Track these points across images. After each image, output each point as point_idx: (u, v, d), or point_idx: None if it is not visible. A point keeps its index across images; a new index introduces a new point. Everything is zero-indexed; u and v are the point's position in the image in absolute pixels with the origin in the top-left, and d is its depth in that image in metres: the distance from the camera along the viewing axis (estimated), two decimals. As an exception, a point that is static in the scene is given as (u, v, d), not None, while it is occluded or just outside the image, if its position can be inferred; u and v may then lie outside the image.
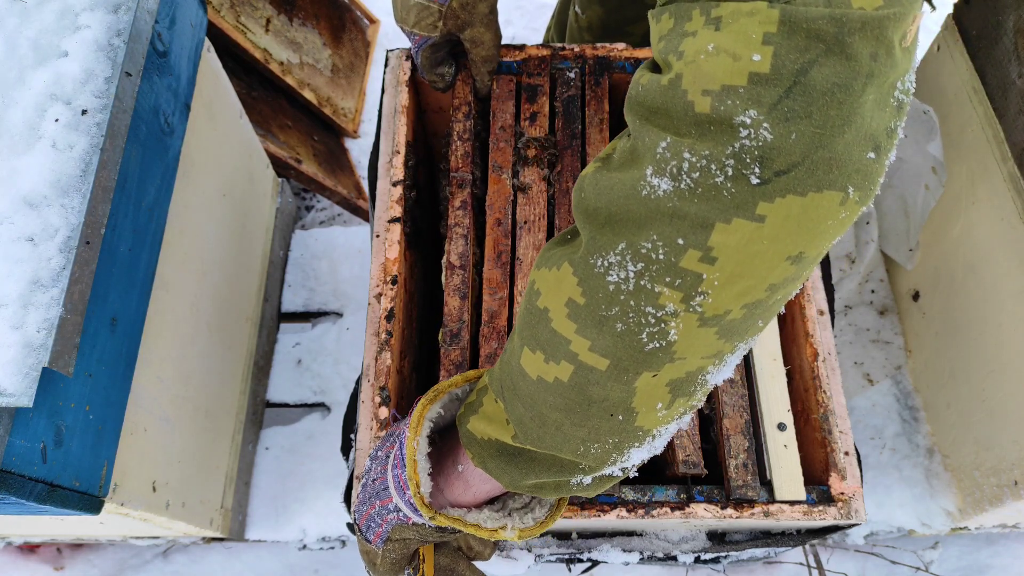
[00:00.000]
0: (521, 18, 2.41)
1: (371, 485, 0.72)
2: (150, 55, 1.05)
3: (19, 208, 0.86)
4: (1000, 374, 1.35)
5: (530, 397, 0.57)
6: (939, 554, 1.60)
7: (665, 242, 0.47)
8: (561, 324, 0.53)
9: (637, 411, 0.55)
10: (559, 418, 0.56)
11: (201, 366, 1.34)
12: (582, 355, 0.53)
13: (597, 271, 0.50)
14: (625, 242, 0.48)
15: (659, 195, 0.46)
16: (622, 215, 0.48)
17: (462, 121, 1.13)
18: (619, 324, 0.50)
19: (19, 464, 0.82)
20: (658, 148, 0.46)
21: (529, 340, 0.56)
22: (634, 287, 0.49)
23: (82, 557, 1.66)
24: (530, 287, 0.58)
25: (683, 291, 0.48)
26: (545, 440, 0.58)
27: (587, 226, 0.51)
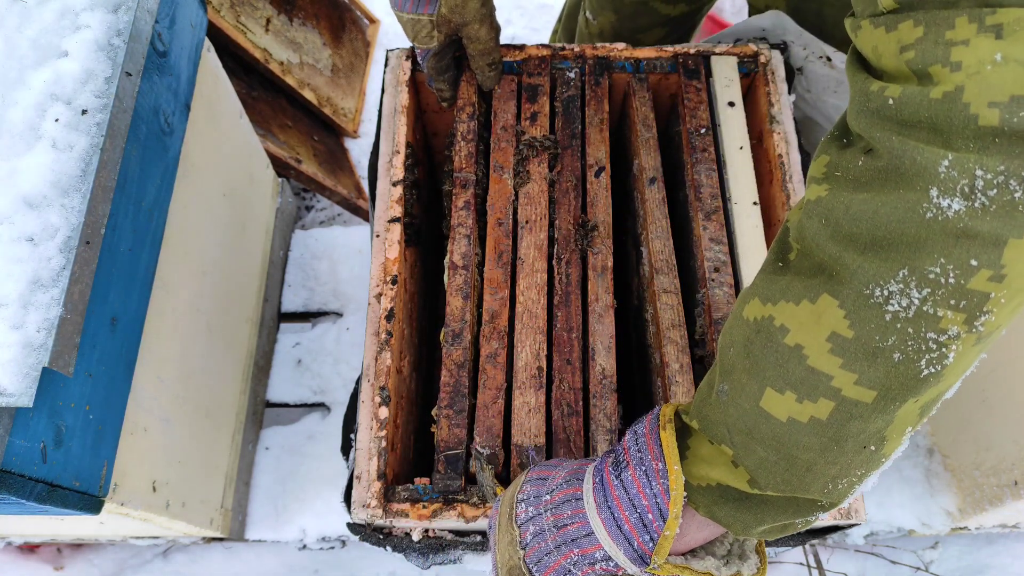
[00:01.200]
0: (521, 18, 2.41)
1: (557, 533, 0.64)
2: (150, 55, 1.05)
3: (19, 208, 0.86)
4: (1000, 374, 1.35)
5: (776, 439, 0.54)
6: (939, 554, 1.60)
7: (956, 264, 0.45)
8: (821, 360, 0.51)
9: (888, 439, 0.53)
10: (811, 458, 0.54)
11: (201, 366, 1.34)
12: (846, 390, 0.50)
13: (873, 301, 0.48)
14: (907, 268, 0.46)
15: (948, 216, 0.44)
16: (894, 239, 0.46)
17: (466, 122, 1.13)
18: (896, 354, 0.48)
19: (19, 464, 0.82)
20: (940, 168, 0.44)
21: (774, 380, 0.53)
22: (915, 314, 0.47)
23: (82, 557, 1.66)
24: (761, 324, 0.54)
25: (967, 312, 0.47)
26: (792, 483, 0.55)
27: (848, 254, 0.49)
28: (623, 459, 0.62)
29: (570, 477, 0.67)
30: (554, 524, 0.64)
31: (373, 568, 1.65)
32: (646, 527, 0.59)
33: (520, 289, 1.02)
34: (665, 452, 0.60)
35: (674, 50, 1.20)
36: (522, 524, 0.66)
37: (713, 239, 1.06)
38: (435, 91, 1.15)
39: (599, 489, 0.62)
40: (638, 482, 0.60)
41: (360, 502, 0.92)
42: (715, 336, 1.01)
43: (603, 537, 0.61)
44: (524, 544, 0.66)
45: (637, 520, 0.60)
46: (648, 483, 0.59)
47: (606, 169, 1.11)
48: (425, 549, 1.03)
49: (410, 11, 1.01)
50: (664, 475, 0.59)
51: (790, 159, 1.13)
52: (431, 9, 1.00)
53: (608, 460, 0.64)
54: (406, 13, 1.01)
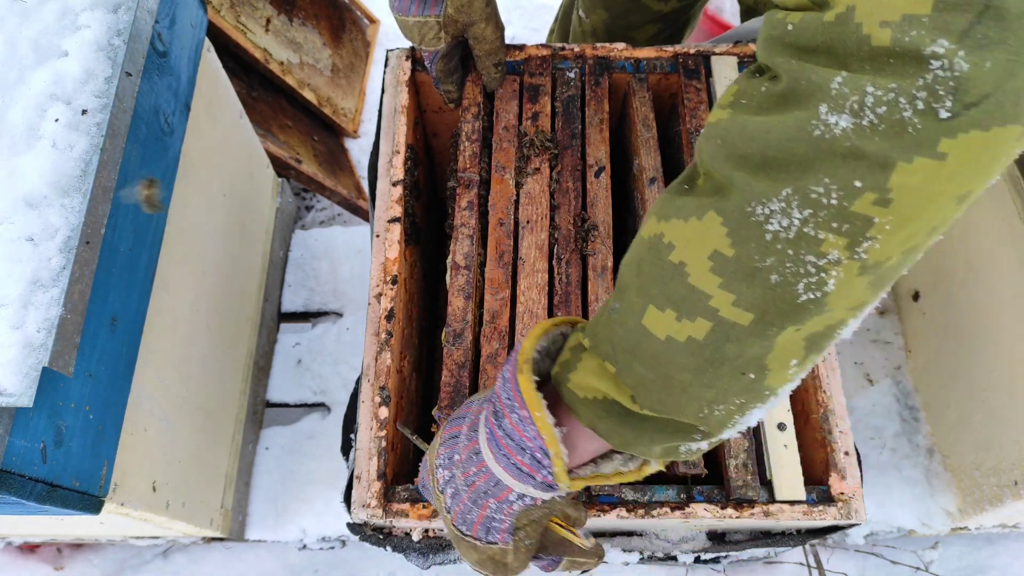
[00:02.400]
0: (521, 18, 2.41)
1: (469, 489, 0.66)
2: (150, 55, 1.05)
3: (19, 208, 0.86)
4: (1000, 374, 1.35)
5: (655, 358, 0.54)
6: (939, 554, 1.60)
7: (840, 185, 0.44)
8: (702, 279, 0.50)
9: (769, 369, 0.52)
10: (687, 379, 0.53)
11: (201, 366, 1.34)
12: (723, 311, 0.50)
13: (755, 219, 0.47)
14: (791, 187, 0.45)
15: (835, 134, 0.43)
16: (783, 159, 0.45)
17: (471, 122, 1.13)
18: (774, 275, 0.47)
19: (19, 464, 0.82)
20: (832, 85, 0.43)
21: (657, 298, 0.53)
22: (795, 235, 0.46)
23: (82, 557, 1.66)
24: (652, 241, 0.54)
25: (850, 237, 0.45)
26: (667, 404, 0.55)
27: (738, 173, 0.48)
28: (499, 408, 0.63)
29: (470, 431, 0.68)
30: (465, 483, 0.66)
31: (373, 568, 1.65)
32: (540, 463, 0.61)
33: (521, 289, 1.02)
34: (526, 399, 0.61)
35: (674, 50, 1.20)
36: (443, 489, 0.68)
37: (713, 239, 1.06)
38: (442, 93, 1.15)
39: (491, 439, 0.64)
40: (517, 428, 0.61)
41: (360, 502, 0.92)
42: (715, 336, 1.01)
43: (509, 481, 0.63)
44: (448, 508, 0.68)
45: (531, 459, 0.61)
46: (525, 427, 0.61)
47: (606, 169, 1.11)
48: (425, 549, 1.03)
49: (416, 14, 1.01)
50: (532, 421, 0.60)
51: (790, 159, 1.13)
52: (437, 10, 1.00)
53: (489, 409, 0.65)
54: (412, 16, 1.01)
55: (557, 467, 0.61)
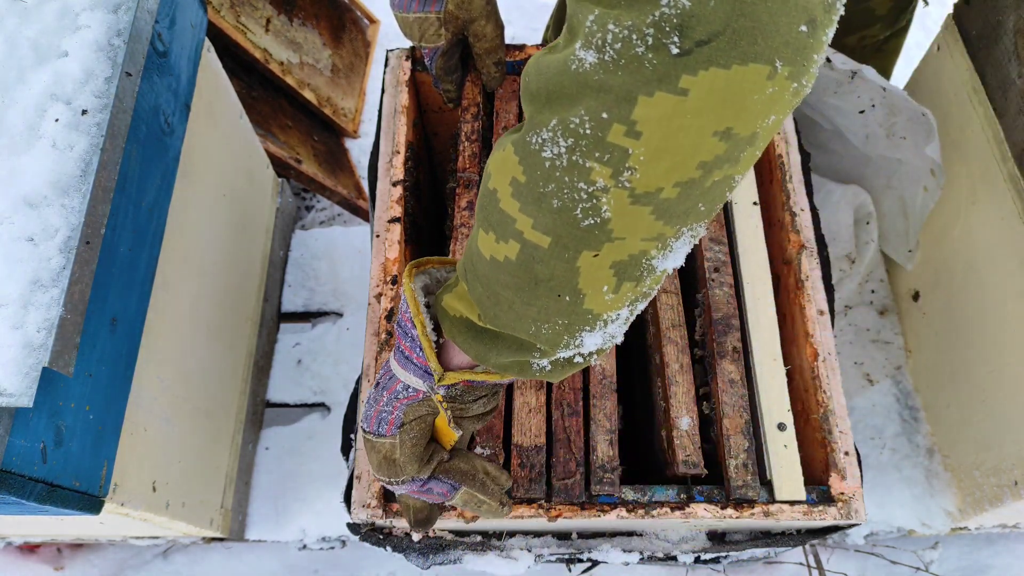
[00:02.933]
0: (521, 18, 2.41)
1: (375, 391, 0.74)
2: (150, 55, 1.05)
3: (19, 208, 0.86)
4: (1000, 374, 1.35)
5: (486, 277, 0.59)
6: (939, 554, 1.60)
7: (591, 116, 0.47)
8: (507, 203, 0.54)
9: (584, 293, 0.56)
10: (511, 297, 0.58)
11: (201, 366, 1.34)
12: (526, 233, 0.54)
13: (533, 148, 0.51)
14: (557, 118, 0.49)
15: (586, 68, 0.46)
16: (557, 92, 0.48)
17: (470, 122, 1.13)
18: (555, 200, 0.51)
19: (19, 464, 0.82)
20: (587, 21, 0.46)
21: (483, 222, 0.58)
22: (567, 163, 0.49)
23: (82, 557, 1.66)
24: (484, 172, 0.59)
25: (612, 166, 0.48)
26: (500, 319, 0.61)
27: (529, 107, 0.52)
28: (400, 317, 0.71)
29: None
30: (372, 387, 0.75)
31: (373, 568, 1.65)
32: (415, 341, 0.68)
33: (520, 289, 1.02)
34: (404, 281, 0.69)
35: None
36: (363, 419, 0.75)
37: (713, 239, 1.06)
38: (441, 92, 1.15)
39: (396, 348, 0.72)
40: (405, 316, 0.69)
41: (360, 502, 0.92)
42: (715, 336, 1.01)
43: (397, 370, 0.71)
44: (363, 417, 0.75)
45: (411, 342, 0.69)
46: (405, 311, 0.69)
47: (606, 169, 1.11)
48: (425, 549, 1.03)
49: (416, 10, 1.01)
50: (404, 299, 0.68)
51: (790, 159, 1.13)
52: (438, 7, 1.00)
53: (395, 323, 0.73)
54: (412, 13, 1.01)
55: (419, 331, 0.68)
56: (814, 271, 1.06)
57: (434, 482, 0.78)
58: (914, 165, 1.54)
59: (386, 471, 0.76)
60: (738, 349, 1.00)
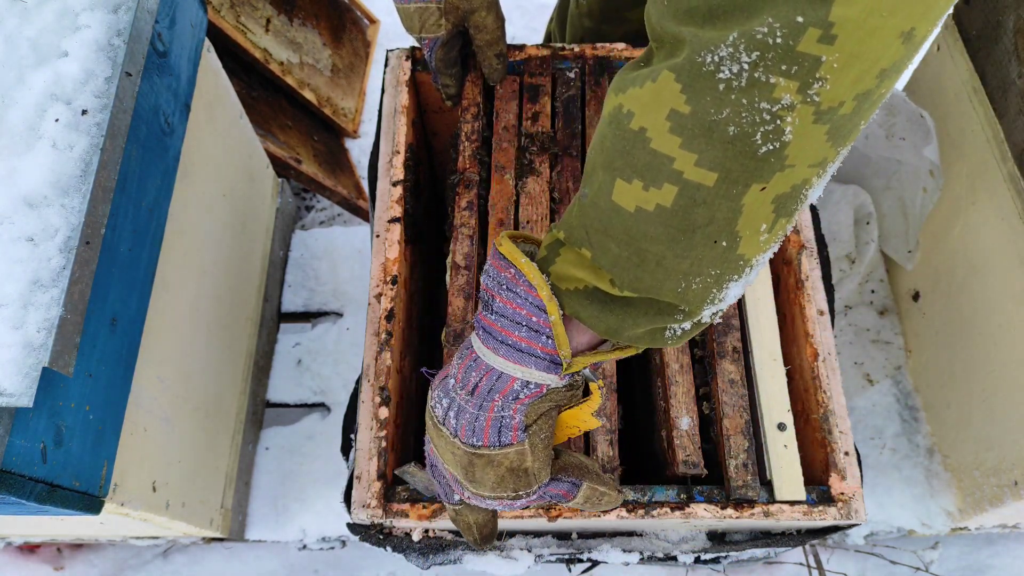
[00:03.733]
0: (521, 18, 2.41)
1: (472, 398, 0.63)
2: (150, 55, 1.05)
3: (19, 208, 0.86)
4: (1000, 374, 1.35)
5: (627, 233, 0.52)
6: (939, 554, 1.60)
7: (783, 23, 0.43)
8: (662, 142, 0.49)
9: (741, 235, 0.51)
10: (661, 251, 0.52)
11: (201, 366, 1.34)
12: (687, 172, 0.48)
13: (706, 70, 0.46)
14: (737, 31, 0.44)
15: None
16: (728, 5, 0.44)
17: (470, 122, 1.13)
18: (731, 127, 0.46)
19: (19, 464, 0.82)
20: None
21: (622, 170, 0.51)
22: (747, 81, 0.45)
23: (82, 557, 1.66)
24: (612, 115, 0.52)
25: (800, 79, 0.44)
26: (644, 280, 0.54)
27: (686, 28, 0.47)
28: (487, 296, 0.61)
29: (459, 354, 0.65)
30: (466, 394, 0.63)
31: (373, 568, 1.65)
32: (537, 331, 0.59)
33: (520, 289, 1.02)
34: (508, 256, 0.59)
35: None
36: (443, 420, 0.65)
37: (713, 239, 1.06)
38: (440, 87, 1.14)
39: (484, 336, 0.61)
40: (509, 302, 0.59)
41: (360, 502, 0.92)
42: (715, 336, 1.01)
43: (510, 367, 0.60)
44: (454, 432, 0.64)
45: (527, 331, 0.59)
46: (516, 296, 0.59)
47: (606, 169, 1.11)
48: (425, 549, 1.03)
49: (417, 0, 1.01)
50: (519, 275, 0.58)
51: (790, 159, 1.13)
52: None
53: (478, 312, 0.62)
54: (413, 3, 1.01)
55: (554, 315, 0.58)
56: (814, 271, 1.06)
57: (553, 483, 0.69)
58: (913, 166, 1.54)
59: (512, 485, 0.65)
60: (738, 349, 1.00)
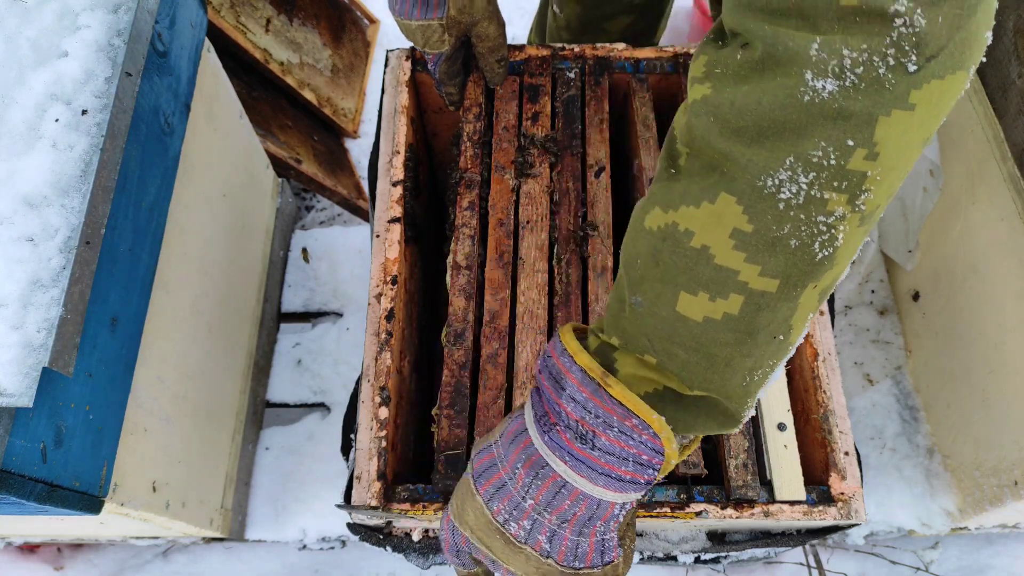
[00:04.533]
0: (521, 18, 2.41)
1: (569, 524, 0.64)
2: (150, 55, 1.05)
3: (19, 208, 0.86)
4: (1000, 374, 1.35)
5: (695, 340, 0.56)
6: (939, 554, 1.60)
7: (835, 146, 0.47)
8: (727, 257, 0.52)
9: (793, 327, 0.55)
10: (729, 353, 0.56)
11: (201, 366, 1.34)
12: (752, 282, 0.53)
13: (767, 192, 0.50)
14: (792, 155, 0.48)
15: (824, 97, 0.47)
16: (778, 127, 0.48)
17: (473, 122, 1.13)
18: (793, 240, 0.51)
19: (19, 464, 0.82)
20: (810, 50, 0.46)
21: (686, 284, 0.55)
22: (805, 199, 0.49)
23: (82, 557, 1.66)
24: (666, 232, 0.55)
25: (849, 192, 0.49)
26: (714, 380, 0.57)
27: (735, 147, 0.50)
28: (584, 430, 0.61)
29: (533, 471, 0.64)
30: (561, 519, 0.64)
31: (373, 568, 1.65)
32: (644, 465, 0.61)
33: (521, 289, 1.02)
34: (624, 402, 0.60)
35: (674, 50, 1.20)
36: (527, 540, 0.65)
37: (713, 239, 1.06)
38: (444, 95, 1.15)
39: (579, 466, 0.61)
40: (618, 442, 0.60)
41: (360, 502, 0.92)
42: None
43: (609, 495, 0.62)
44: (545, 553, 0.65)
45: (633, 466, 0.61)
46: (628, 437, 0.60)
47: (606, 169, 1.11)
48: (425, 549, 1.03)
49: (419, 18, 1.01)
50: (644, 425, 0.59)
51: (790, 159, 1.13)
52: (440, 13, 1.00)
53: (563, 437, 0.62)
54: (415, 20, 1.01)
55: (673, 458, 0.61)
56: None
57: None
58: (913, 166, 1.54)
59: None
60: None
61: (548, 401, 0.63)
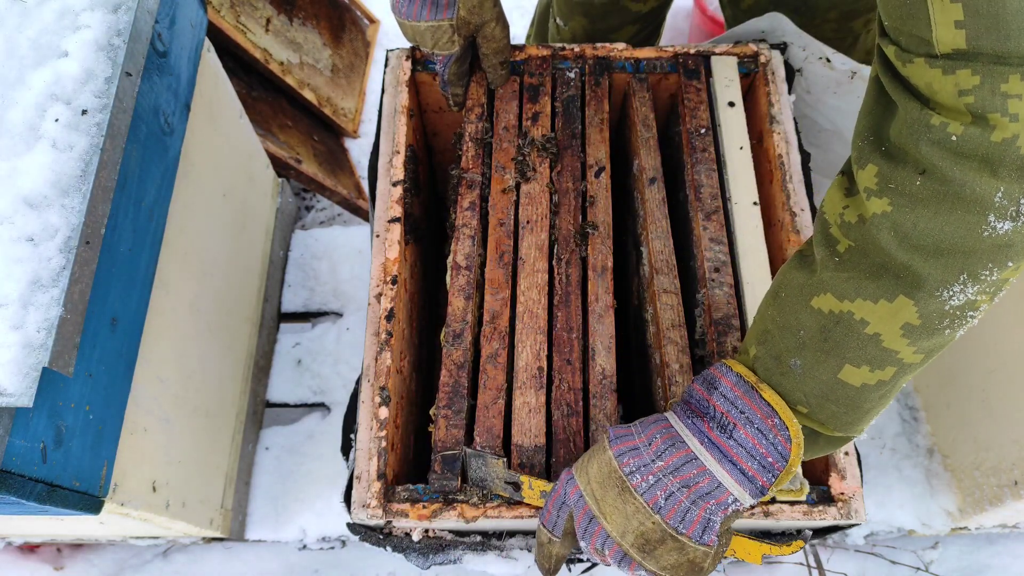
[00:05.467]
0: (521, 18, 2.41)
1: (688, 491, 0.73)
2: (150, 55, 1.05)
3: (19, 208, 0.86)
4: (1000, 374, 1.34)
5: (849, 400, 0.69)
6: (939, 554, 1.60)
7: (998, 266, 0.61)
8: (893, 342, 0.65)
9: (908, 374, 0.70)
10: (872, 406, 0.70)
11: (201, 366, 1.34)
12: (907, 359, 0.66)
13: (940, 300, 0.63)
14: (965, 272, 0.61)
15: (999, 234, 0.59)
16: (954, 249, 0.60)
17: (475, 122, 1.13)
18: (947, 331, 0.65)
19: (19, 464, 0.82)
20: (995, 197, 0.58)
21: (853, 359, 0.67)
22: (966, 303, 0.63)
23: (82, 557, 1.66)
24: (840, 317, 0.67)
25: (994, 293, 0.63)
26: (854, 425, 0.71)
27: (914, 259, 0.62)
28: (725, 420, 0.72)
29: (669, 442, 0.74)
30: (681, 484, 0.73)
31: (373, 568, 1.65)
32: (766, 468, 0.71)
33: (521, 289, 1.02)
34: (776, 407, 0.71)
35: (674, 50, 1.20)
36: (644, 492, 0.73)
37: (713, 239, 1.06)
38: (449, 96, 1.15)
39: (712, 448, 0.72)
40: (753, 438, 0.71)
41: (360, 502, 0.92)
42: (715, 336, 1.01)
43: (731, 484, 0.72)
44: (658, 508, 0.73)
45: (758, 465, 0.71)
46: (764, 438, 0.71)
47: (606, 169, 1.11)
48: (425, 549, 1.03)
49: (428, 19, 1.01)
50: (782, 427, 0.71)
51: (790, 159, 1.13)
52: (450, 13, 1.00)
53: (705, 424, 0.73)
54: (424, 22, 1.01)
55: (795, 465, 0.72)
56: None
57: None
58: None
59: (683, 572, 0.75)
60: (738, 349, 1.00)
61: (696, 400, 0.75)
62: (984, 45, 0.55)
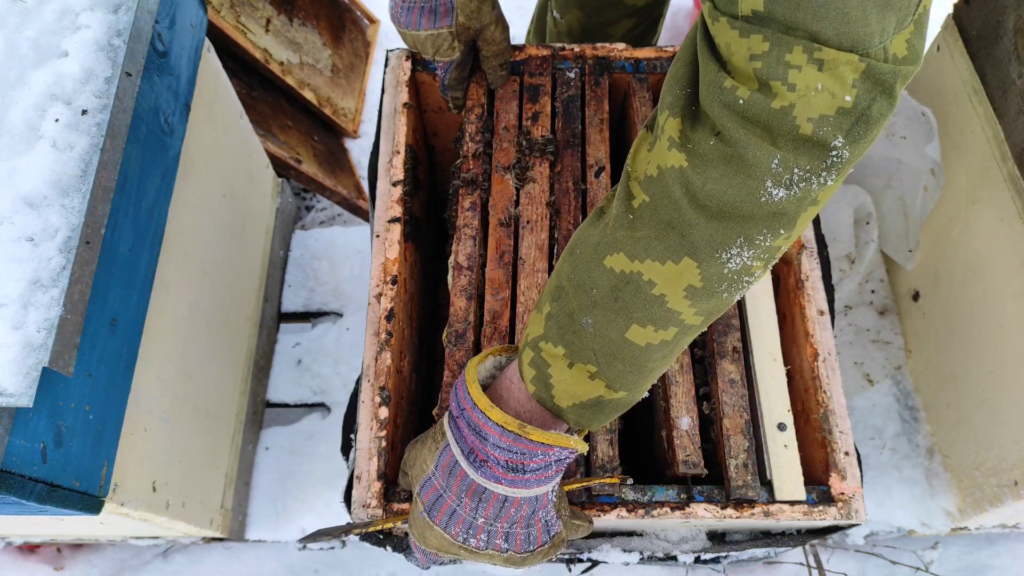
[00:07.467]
0: (521, 18, 2.41)
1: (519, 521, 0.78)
2: (150, 55, 1.05)
3: (19, 208, 0.86)
4: (1000, 374, 1.35)
5: (635, 358, 0.70)
6: (939, 554, 1.60)
7: (772, 233, 0.63)
8: (677, 303, 0.67)
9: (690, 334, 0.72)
10: (655, 366, 0.72)
11: (201, 366, 1.34)
12: (688, 320, 0.68)
13: (719, 262, 0.64)
14: (743, 236, 0.63)
15: (774, 200, 0.61)
16: (735, 212, 0.62)
17: (475, 122, 1.13)
18: (726, 294, 0.67)
19: (19, 464, 0.82)
20: (772, 164, 0.59)
21: (640, 319, 0.68)
22: (742, 267, 0.65)
23: (82, 557, 1.66)
24: (629, 277, 0.68)
25: (767, 260, 0.66)
26: (639, 384, 0.73)
27: (698, 217, 0.63)
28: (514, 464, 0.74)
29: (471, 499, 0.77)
30: (509, 524, 0.78)
31: (373, 568, 1.65)
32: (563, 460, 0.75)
33: (521, 289, 1.02)
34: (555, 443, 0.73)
35: (674, 50, 1.20)
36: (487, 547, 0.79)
37: (713, 239, 1.06)
38: (450, 99, 1.15)
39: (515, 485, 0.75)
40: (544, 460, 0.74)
41: (360, 502, 0.92)
42: (715, 336, 1.01)
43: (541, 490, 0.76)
44: (504, 549, 0.80)
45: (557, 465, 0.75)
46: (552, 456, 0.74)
47: (606, 169, 1.11)
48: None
49: (427, 27, 1.01)
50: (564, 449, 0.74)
51: (790, 159, 1.13)
52: (448, 21, 1.01)
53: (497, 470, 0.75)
54: (423, 31, 1.02)
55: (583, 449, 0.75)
56: (814, 271, 1.06)
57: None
58: (914, 165, 1.54)
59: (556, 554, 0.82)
60: (738, 349, 1.00)
61: (474, 444, 0.75)
62: (777, 11, 0.56)
